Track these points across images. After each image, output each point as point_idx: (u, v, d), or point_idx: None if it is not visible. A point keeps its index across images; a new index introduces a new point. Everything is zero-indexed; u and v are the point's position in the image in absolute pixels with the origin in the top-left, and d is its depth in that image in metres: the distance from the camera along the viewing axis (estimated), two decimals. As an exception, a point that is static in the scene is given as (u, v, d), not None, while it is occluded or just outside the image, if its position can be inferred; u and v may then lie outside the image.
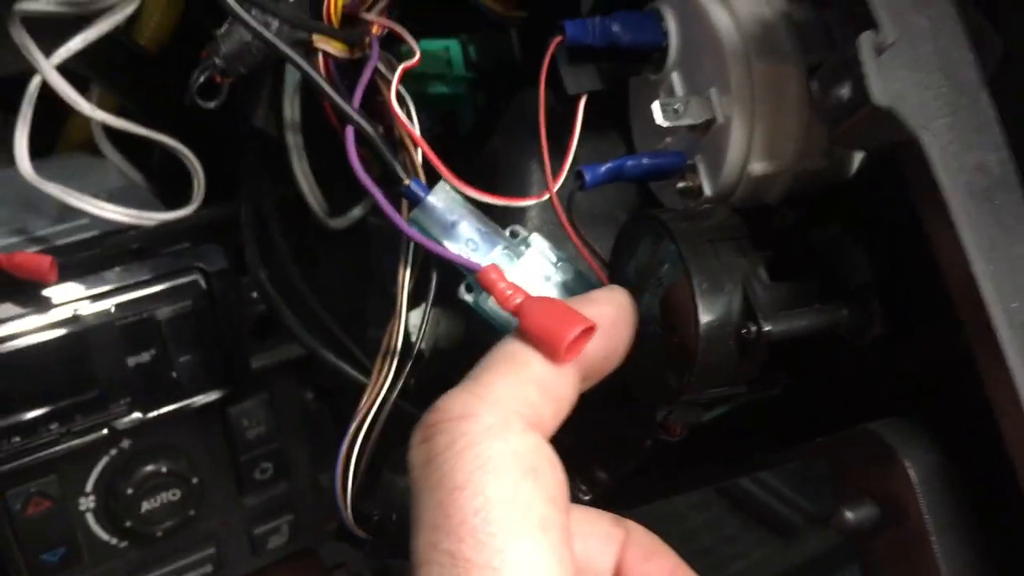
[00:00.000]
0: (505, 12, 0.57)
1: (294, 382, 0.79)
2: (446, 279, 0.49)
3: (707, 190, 0.45)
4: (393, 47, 0.53)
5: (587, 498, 0.53)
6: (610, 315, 0.40)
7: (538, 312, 0.37)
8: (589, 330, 0.37)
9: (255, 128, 0.70)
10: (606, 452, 0.54)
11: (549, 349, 0.36)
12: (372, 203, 0.63)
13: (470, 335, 0.55)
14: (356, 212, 0.69)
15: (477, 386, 0.35)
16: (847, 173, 0.46)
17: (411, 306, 0.51)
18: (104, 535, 0.72)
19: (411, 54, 0.51)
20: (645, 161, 0.45)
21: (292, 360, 0.77)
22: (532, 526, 0.32)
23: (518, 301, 0.39)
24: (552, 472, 0.34)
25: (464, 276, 0.45)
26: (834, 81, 0.34)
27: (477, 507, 0.31)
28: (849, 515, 0.39)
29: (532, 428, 0.35)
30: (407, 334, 0.54)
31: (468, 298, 0.45)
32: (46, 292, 0.64)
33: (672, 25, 0.46)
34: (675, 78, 0.46)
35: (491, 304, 0.43)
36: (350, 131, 0.44)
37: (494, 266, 0.40)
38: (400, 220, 0.43)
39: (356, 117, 0.43)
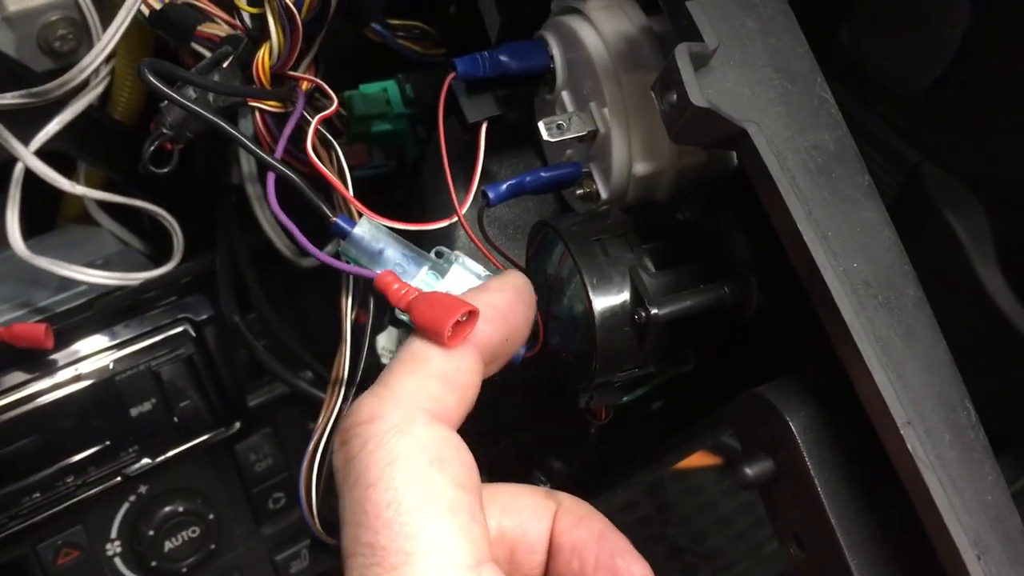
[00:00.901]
0: (425, 52, 0.62)
1: (295, 412, 0.84)
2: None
3: (603, 194, 0.50)
4: (338, 94, 0.58)
5: (547, 487, 0.58)
6: (506, 299, 0.43)
7: (424, 305, 0.41)
8: (472, 314, 0.41)
9: (223, 183, 0.76)
10: (559, 444, 0.58)
11: (434, 337, 0.40)
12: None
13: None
14: (327, 249, 0.74)
15: (382, 388, 0.39)
16: (731, 163, 0.50)
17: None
18: (132, 577, 0.78)
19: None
20: (543, 175, 0.49)
21: (289, 393, 0.82)
22: (441, 510, 0.36)
23: (410, 299, 0.43)
24: (458, 459, 0.38)
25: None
26: (665, 88, 0.39)
27: (389, 500, 0.35)
28: (748, 471, 0.43)
29: (437, 420, 0.38)
30: (376, 355, 0.60)
31: (404, 317, 0.50)
32: (49, 357, 0.70)
33: (556, 49, 0.51)
34: (565, 96, 0.51)
35: None
36: (270, 177, 0.48)
37: (388, 272, 0.44)
38: (316, 251, 0.48)
39: (278, 166, 0.48)
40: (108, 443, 0.72)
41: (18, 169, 0.69)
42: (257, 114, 0.57)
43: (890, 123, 0.48)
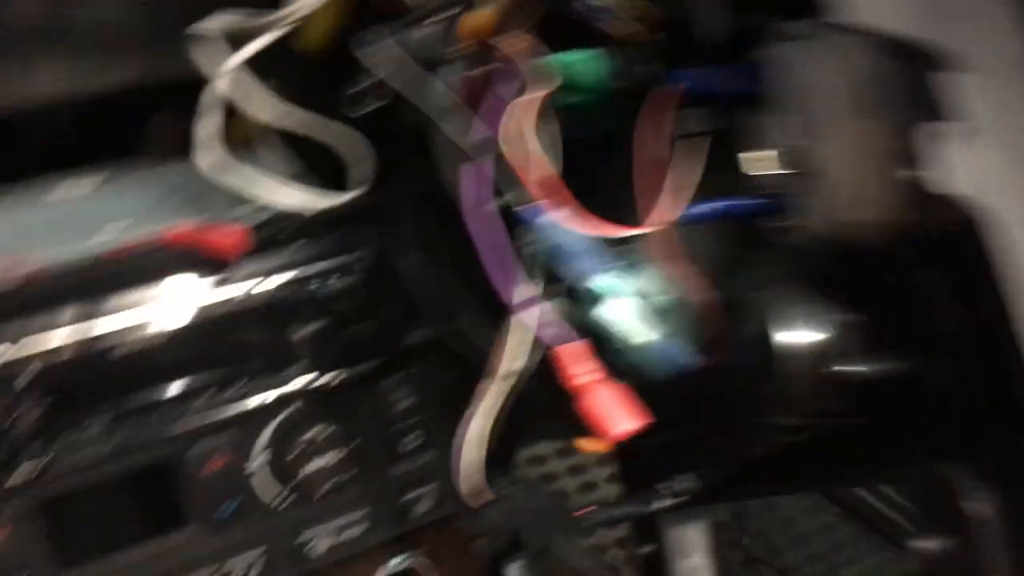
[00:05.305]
0: (634, 37, 0.60)
1: (443, 358, 0.85)
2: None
3: (804, 233, 0.47)
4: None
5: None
6: None
7: (596, 399, 0.42)
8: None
9: (407, 121, 0.76)
10: (707, 453, 0.57)
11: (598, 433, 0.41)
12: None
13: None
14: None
15: None
16: (948, 225, 0.47)
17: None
18: (272, 492, 0.80)
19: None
20: (745, 203, 0.48)
21: (440, 337, 0.83)
22: None
23: (581, 382, 0.44)
24: None
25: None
26: (906, 162, 0.36)
27: None
28: (924, 545, 0.42)
29: None
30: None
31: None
32: (225, 270, 0.73)
33: (778, 76, 0.48)
34: (780, 125, 0.48)
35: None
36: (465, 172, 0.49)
37: (583, 344, 0.45)
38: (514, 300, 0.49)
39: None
40: (268, 360, 0.74)
41: (216, 87, 0.70)
42: (460, 78, 0.57)
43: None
